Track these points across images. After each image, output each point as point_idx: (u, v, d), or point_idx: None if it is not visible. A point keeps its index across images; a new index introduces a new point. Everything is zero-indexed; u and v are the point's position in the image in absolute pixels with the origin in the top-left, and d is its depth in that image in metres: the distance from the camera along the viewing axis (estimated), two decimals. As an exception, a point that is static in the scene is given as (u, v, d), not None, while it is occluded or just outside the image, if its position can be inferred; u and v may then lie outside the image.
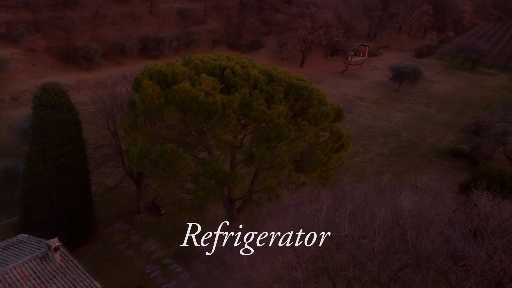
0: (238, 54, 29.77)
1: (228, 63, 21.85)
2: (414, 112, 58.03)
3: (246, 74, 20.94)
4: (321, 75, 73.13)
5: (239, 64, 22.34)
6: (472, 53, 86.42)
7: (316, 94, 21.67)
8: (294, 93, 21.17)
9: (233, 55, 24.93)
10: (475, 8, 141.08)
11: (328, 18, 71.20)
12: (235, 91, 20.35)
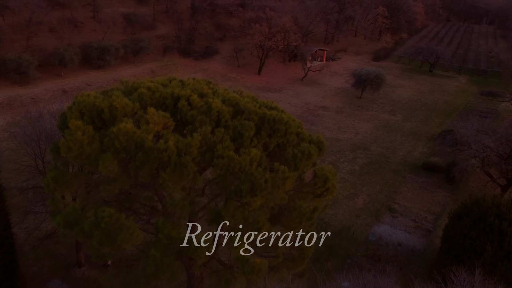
0: (191, 62, 25.58)
1: (183, 91, 17.23)
2: (380, 121, 55.33)
3: (207, 106, 16.43)
4: (280, 83, 69.44)
5: (197, 92, 17.80)
6: (429, 56, 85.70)
7: (294, 127, 17.46)
8: (268, 128, 16.84)
9: (188, 79, 20.32)
10: (425, 9, 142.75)
11: (286, 23, 67.64)
12: (193, 129, 15.81)
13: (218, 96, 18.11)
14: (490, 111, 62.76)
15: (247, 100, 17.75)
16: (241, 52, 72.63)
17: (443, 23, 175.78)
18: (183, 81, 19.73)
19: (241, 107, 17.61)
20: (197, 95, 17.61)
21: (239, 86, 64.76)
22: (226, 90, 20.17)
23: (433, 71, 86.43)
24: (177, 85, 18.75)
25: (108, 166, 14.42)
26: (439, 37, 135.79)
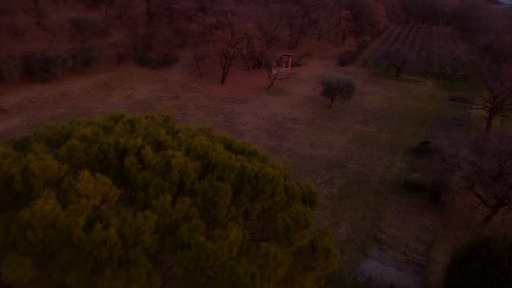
0: (149, 71, 20.91)
1: (131, 140, 12.64)
2: (354, 133, 52.05)
3: (165, 163, 11.97)
4: (246, 92, 65.17)
5: (151, 139, 13.29)
6: (396, 60, 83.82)
7: (281, 183, 13.23)
8: (249, 188, 12.55)
9: (140, 118, 15.73)
10: (386, 11, 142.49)
11: (250, 28, 63.48)
12: (145, 201, 11.31)
13: (180, 144, 13.59)
14: (462, 118, 60.90)
15: (220, 150, 13.32)
16: (203, 60, 67.94)
17: (402, 25, 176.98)
18: (133, 121, 15.05)
19: (212, 159, 13.19)
20: (152, 145, 13.06)
21: (202, 98, 60.13)
22: (190, 129, 15.69)
23: (400, 76, 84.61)
24: (124, 129, 14.08)
25: (17, 271, 9.71)
26: (401, 39, 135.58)
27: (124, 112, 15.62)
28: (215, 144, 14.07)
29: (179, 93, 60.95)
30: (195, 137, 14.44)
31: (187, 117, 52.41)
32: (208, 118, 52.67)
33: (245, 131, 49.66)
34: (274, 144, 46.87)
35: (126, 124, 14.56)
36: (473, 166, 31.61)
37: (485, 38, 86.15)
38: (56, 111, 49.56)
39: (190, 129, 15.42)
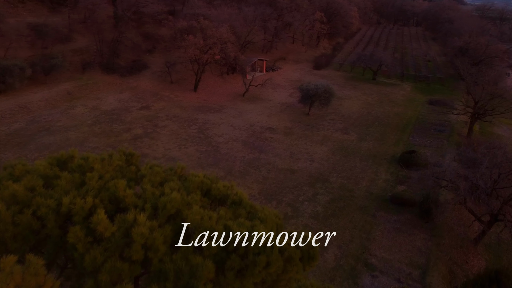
0: (116, 79, 17.61)
1: (79, 199, 9.56)
2: (334, 142, 49.73)
3: (123, 233, 9.02)
4: (220, 100, 62.10)
5: (107, 193, 10.29)
6: (372, 63, 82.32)
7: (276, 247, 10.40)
8: (236, 260, 9.72)
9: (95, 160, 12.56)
10: (358, 13, 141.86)
11: (223, 33, 60.45)
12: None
13: (146, 200, 10.60)
14: (443, 123, 59.54)
15: (196, 210, 10.35)
16: (174, 67, 64.48)
17: (374, 26, 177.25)
18: (85, 167, 11.89)
19: (190, 220, 10.27)
20: (107, 203, 10.01)
21: (174, 107, 56.70)
22: (159, 173, 12.67)
23: (376, 79, 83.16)
24: (71, 180, 10.93)
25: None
26: (374, 41, 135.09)
27: (74, 152, 12.43)
28: (190, 195, 11.11)
29: (150, 102, 57.39)
30: (164, 185, 11.47)
31: (158, 129, 48.98)
32: (181, 130, 49.38)
33: (220, 144, 46.64)
34: (252, 157, 44.03)
35: (75, 171, 11.39)
36: (467, 183, 29.53)
37: (459, 40, 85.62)
38: (13, 126, 45.36)
39: (158, 173, 12.40)
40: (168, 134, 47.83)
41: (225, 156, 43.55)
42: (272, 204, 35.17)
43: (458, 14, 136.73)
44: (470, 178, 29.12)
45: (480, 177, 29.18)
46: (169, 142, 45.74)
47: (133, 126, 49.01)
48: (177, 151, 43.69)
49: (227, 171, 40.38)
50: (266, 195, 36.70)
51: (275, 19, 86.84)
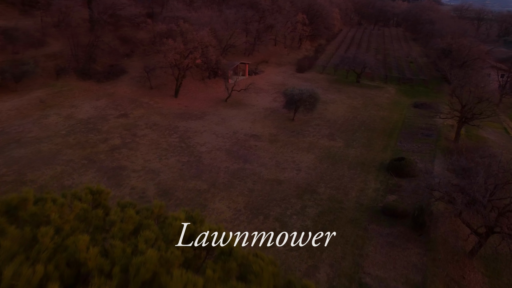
0: (93, 85, 15.51)
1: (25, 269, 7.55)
2: (321, 150, 48.15)
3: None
4: (202, 106, 59.97)
5: (65, 255, 8.32)
6: (356, 65, 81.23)
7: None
8: None
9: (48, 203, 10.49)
10: (339, 14, 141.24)
11: (204, 37, 58.34)
12: None
13: (114, 262, 8.60)
14: (430, 127, 58.63)
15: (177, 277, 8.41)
16: (154, 71, 62.12)
17: (355, 27, 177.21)
18: (40, 215, 9.84)
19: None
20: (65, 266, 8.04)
21: (154, 114, 54.34)
22: (132, 217, 10.68)
23: (360, 82, 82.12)
24: (19, 240, 8.87)
25: None
26: (355, 42, 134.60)
27: (28, 193, 10.33)
28: (170, 249, 9.18)
29: (128, 109, 54.94)
30: (138, 235, 9.51)
31: (137, 138, 46.63)
32: (162, 139, 47.13)
33: (203, 153, 44.57)
34: (236, 167, 42.09)
35: (27, 222, 9.32)
36: (465, 196, 28.15)
37: (442, 41, 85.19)
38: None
39: (131, 217, 10.37)
40: (148, 143, 45.54)
41: (208, 167, 41.50)
42: (259, 219, 33.32)
43: (439, 15, 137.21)
44: (467, 190, 27.74)
45: (477, 190, 27.82)
46: (148, 152, 43.47)
47: (110, 135, 46.55)
48: (158, 163, 41.46)
49: (210, 183, 38.36)
50: (252, 209, 34.82)
51: (257, 21, 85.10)
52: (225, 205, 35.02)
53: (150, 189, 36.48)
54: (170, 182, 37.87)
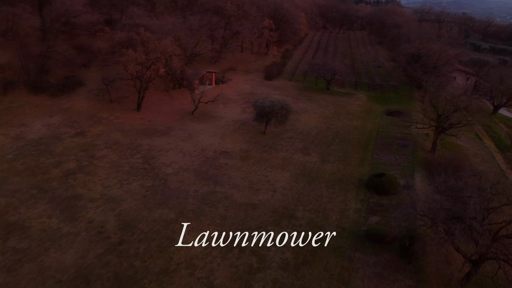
0: (46, 100, 13.25)
1: None
2: (296, 166, 45.20)
3: None
4: (167, 120, 55.98)
5: None
6: (326, 72, 79.01)
7: None
8: None
9: None
10: (305, 18, 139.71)
11: (167, 46, 54.41)
12: None
13: None
14: (405, 137, 56.79)
15: None
16: (114, 83, 57.59)
17: (321, 31, 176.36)
18: None
19: None
20: None
21: (115, 131, 49.82)
22: None
23: (330, 89, 80.00)
24: None
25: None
26: (322, 47, 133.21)
27: None
28: None
29: (85, 126, 50.38)
30: None
31: (95, 160, 42.30)
32: (123, 160, 42.98)
33: (169, 175, 40.77)
34: (206, 190, 38.55)
35: None
36: (459, 223, 25.73)
37: (411, 46, 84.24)
38: None
39: None
40: (108, 166, 41.31)
41: (175, 192, 37.76)
42: (234, 254, 29.95)
43: (404, 19, 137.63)
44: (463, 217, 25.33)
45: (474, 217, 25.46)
46: (108, 177, 39.27)
47: (64, 158, 41.97)
48: (119, 189, 37.38)
49: (178, 211, 34.66)
50: (226, 241, 31.39)
51: (222, 27, 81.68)
52: (195, 238, 31.43)
53: (110, 222, 32.44)
54: (133, 212, 33.94)
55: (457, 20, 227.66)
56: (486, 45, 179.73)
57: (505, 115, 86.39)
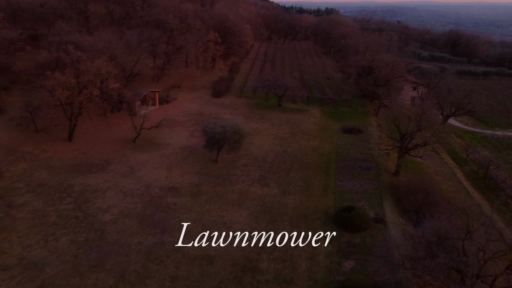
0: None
1: None
2: (254, 202, 40.06)
3: None
4: (104, 152, 49.07)
5: None
6: (277, 88, 74.79)
7: None
8: None
9: None
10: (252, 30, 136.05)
11: (102, 67, 47.71)
12: None
13: None
14: (366, 157, 53.35)
15: None
16: (40, 110, 49.91)
17: (266, 42, 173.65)
18: None
19: None
20: None
21: (41, 169, 42.33)
22: None
23: (282, 105, 75.87)
24: None
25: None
26: (269, 58, 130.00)
27: None
28: None
29: (3, 165, 42.59)
30: None
31: (13, 211, 34.94)
32: (49, 208, 35.88)
33: (107, 224, 34.26)
34: (153, 241, 32.48)
35: None
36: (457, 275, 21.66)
37: (362, 59, 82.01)
38: None
39: None
40: (29, 218, 34.13)
41: (114, 247, 31.39)
42: (189, 332, 24.16)
43: (349, 29, 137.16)
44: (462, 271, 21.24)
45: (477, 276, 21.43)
46: (29, 232, 32.19)
47: (-26, 210, 34.39)
48: (42, 248, 30.47)
49: (118, 275, 28.35)
50: (179, 312, 25.62)
51: (165, 42, 75.49)
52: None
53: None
54: (59, 281, 27.24)
55: (394, 28, 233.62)
56: (425, 53, 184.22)
57: (455, 125, 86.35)
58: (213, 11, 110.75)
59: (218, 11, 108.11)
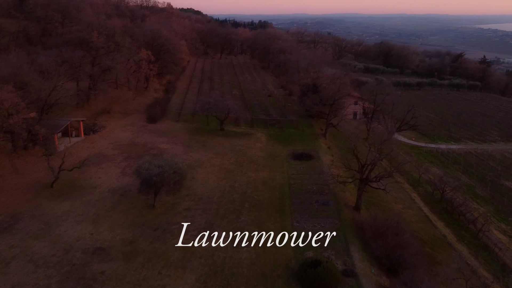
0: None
1: None
2: (202, 260, 33.32)
3: None
4: (11, 203, 40.03)
5: None
6: (218, 111, 68.51)
7: None
8: None
9: None
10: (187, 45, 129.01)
11: (4, 101, 38.88)
12: None
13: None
14: (321, 190, 48.48)
15: None
16: None
17: (203, 57, 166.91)
18: None
19: None
20: None
21: None
22: None
23: (224, 129, 69.62)
24: None
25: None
26: (206, 75, 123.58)
27: None
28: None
29: None
30: None
31: None
32: None
33: (8, 315, 25.98)
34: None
35: None
36: None
37: (306, 76, 77.82)
38: None
39: None
40: None
41: None
42: None
43: (288, 44, 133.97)
44: None
45: None
46: None
47: None
48: None
49: None
50: None
51: (89, 63, 66.73)
52: None
53: None
54: None
55: (327, 40, 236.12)
56: (360, 65, 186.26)
57: (400, 140, 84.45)
58: (145, 26, 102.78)
59: (150, 27, 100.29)
